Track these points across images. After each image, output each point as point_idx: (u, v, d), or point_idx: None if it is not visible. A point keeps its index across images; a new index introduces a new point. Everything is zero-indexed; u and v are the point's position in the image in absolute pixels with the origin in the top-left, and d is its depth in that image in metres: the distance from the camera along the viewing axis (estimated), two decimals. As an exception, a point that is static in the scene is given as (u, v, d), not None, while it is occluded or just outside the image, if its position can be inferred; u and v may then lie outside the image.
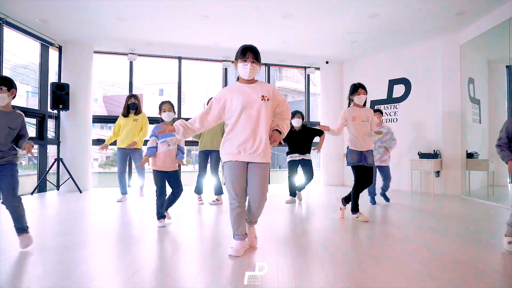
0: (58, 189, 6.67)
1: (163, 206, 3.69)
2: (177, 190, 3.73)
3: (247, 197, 2.75)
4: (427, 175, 6.62)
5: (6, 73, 5.64)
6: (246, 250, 2.73)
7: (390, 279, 2.18)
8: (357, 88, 3.99)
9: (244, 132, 2.59)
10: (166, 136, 3.59)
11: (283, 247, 2.87)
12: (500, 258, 2.61)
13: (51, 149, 7.07)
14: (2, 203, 2.77)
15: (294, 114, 5.24)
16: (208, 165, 5.18)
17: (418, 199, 5.86)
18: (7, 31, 5.68)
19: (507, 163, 2.77)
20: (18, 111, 2.83)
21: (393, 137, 5.32)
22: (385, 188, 5.28)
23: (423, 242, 3.09)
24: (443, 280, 2.16)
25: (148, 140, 3.62)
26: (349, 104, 4.06)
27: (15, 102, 2.99)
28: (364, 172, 4.02)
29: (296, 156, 5.31)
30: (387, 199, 5.31)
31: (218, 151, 4.94)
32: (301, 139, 5.28)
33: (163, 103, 3.71)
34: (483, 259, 2.58)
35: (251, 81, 2.70)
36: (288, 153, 5.43)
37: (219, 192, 5.14)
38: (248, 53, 2.62)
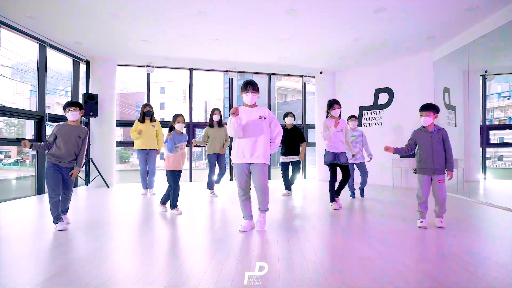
0: (87, 185, 7.73)
1: (176, 198, 4.67)
2: (176, 186, 4.67)
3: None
4: (406, 172, 7.69)
5: (44, 85, 6.67)
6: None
7: (355, 244, 3.26)
8: (332, 104, 5.07)
9: (248, 141, 3.64)
10: (179, 142, 4.61)
11: (281, 229, 3.92)
12: (414, 230, 3.69)
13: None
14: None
15: (288, 114, 6.33)
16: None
17: (397, 192, 6.92)
18: (49, 52, 6.71)
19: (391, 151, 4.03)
20: (83, 126, 3.95)
21: (365, 141, 6.15)
22: (363, 183, 6.09)
23: (382, 222, 4.19)
24: (390, 244, 3.23)
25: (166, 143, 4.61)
26: (327, 116, 5.12)
27: (18, 100, 4.07)
28: (342, 170, 5.14)
29: (288, 158, 6.28)
30: (362, 195, 6.08)
31: (223, 154, 6.10)
32: (291, 138, 6.23)
33: (179, 115, 4.69)
34: (421, 230, 3.67)
35: (253, 105, 3.76)
36: (282, 154, 6.37)
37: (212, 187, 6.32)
38: (249, 86, 3.69)
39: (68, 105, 3.87)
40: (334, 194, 5.10)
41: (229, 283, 2.31)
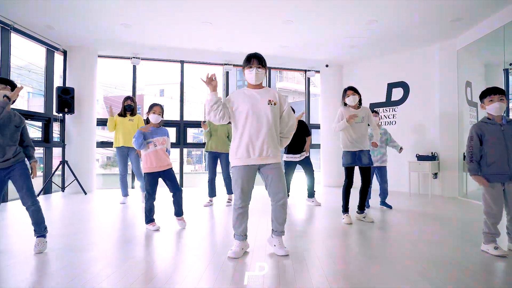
0: (63, 191, 6.80)
1: (151, 210, 3.77)
2: (175, 190, 3.81)
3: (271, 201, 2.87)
4: (425, 177, 6.76)
5: (7, 74, 5.77)
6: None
7: (385, 278, 2.32)
8: (345, 91, 4.15)
9: (253, 135, 2.72)
10: (152, 136, 3.71)
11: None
12: (488, 259, 2.74)
13: (56, 152, 7.19)
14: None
15: None
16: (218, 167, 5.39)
17: (416, 200, 5.98)
18: (14, 37, 5.82)
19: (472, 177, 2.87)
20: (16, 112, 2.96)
21: (391, 138, 5.31)
22: (383, 194, 5.16)
23: (417, 243, 3.23)
24: (435, 278, 2.29)
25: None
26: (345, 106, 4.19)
27: (17, 102, 3.08)
28: (362, 173, 4.16)
29: (294, 157, 5.35)
30: (389, 206, 5.14)
31: (227, 153, 5.11)
32: (297, 134, 5.18)
33: (154, 105, 3.78)
34: (473, 259, 2.72)
35: (259, 86, 2.85)
36: (286, 151, 5.42)
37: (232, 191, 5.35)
38: (253, 59, 2.78)
39: None
40: (347, 204, 4.15)
41: (228, 283, 2.25)
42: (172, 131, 8.02)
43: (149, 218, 3.76)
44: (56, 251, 2.95)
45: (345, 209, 4.15)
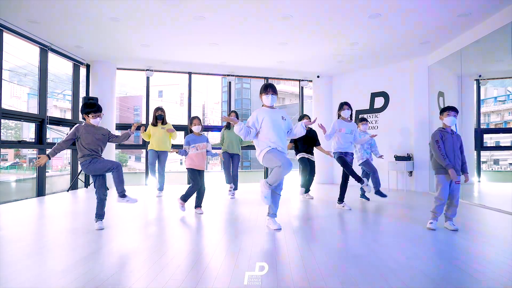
0: (86, 187, 7.79)
1: (190, 194, 4.73)
2: (195, 185, 4.79)
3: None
4: (402, 175, 7.80)
5: (45, 88, 6.78)
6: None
7: (347, 241, 3.35)
8: (342, 105, 5.26)
9: (275, 134, 3.74)
10: (195, 142, 4.76)
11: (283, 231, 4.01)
12: (424, 231, 3.79)
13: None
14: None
15: (303, 116, 6.39)
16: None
17: (393, 194, 7.01)
18: (50, 56, 6.81)
19: (449, 170, 3.66)
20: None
21: (374, 143, 6.19)
22: (376, 184, 6.03)
23: (380, 221, 4.29)
24: (383, 243, 3.33)
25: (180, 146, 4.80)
26: (338, 117, 5.24)
27: (15, 104, 4.15)
28: (343, 171, 5.24)
29: (306, 155, 6.27)
30: (384, 195, 5.94)
31: (238, 155, 6.16)
32: (308, 139, 6.21)
33: (194, 118, 4.86)
34: (415, 230, 3.77)
35: (272, 107, 3.92)
36: (297, 152, 6.35)
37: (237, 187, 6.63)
38: (269, 88, 3.88)
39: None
40: (344, 193, 5.26)
41: (228, 283, 2.35)
42: (180, 135, 9.01)
43: (184, 198, 4.78)
44: (90, 233, 3.78)
45: (342, 198, 5.27)
